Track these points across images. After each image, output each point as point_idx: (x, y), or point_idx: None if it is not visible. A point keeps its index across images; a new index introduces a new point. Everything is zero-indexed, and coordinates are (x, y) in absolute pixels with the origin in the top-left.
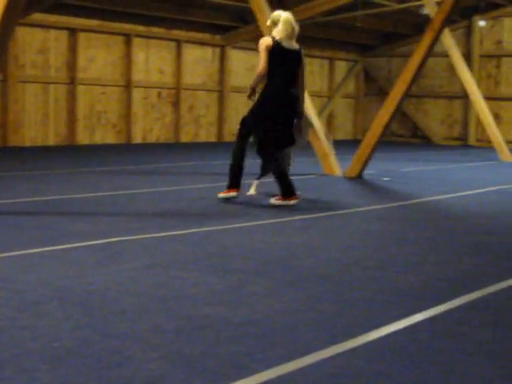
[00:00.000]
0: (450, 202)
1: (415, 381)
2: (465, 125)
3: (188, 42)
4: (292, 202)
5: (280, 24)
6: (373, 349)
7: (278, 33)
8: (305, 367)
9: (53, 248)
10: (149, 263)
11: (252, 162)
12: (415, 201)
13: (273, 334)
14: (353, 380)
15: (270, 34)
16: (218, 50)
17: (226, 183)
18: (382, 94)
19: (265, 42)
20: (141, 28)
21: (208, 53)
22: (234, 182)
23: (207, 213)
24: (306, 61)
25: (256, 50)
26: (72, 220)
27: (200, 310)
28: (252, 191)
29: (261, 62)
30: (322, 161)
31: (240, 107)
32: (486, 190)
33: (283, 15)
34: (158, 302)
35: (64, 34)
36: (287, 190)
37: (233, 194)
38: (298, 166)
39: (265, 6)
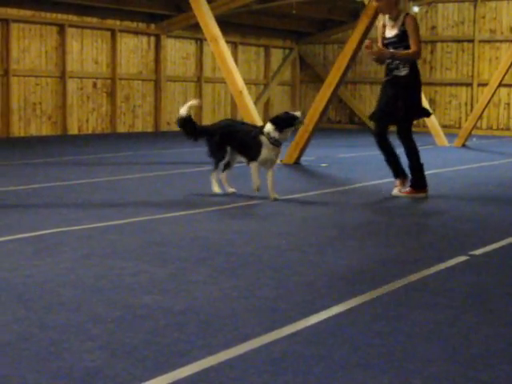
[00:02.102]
0: (387, 187)
1: (356, 364)
2: None
3: (123, 31)
4: (421, 194)
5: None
6: (313, 333)
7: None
8: (246, 353)
9: None
10: (86, 254)
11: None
12: (353, 186)
13: (213, 321)
14: (293, 364)
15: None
16: (153, 39)
17: (167, 172)
18: (318, 80)
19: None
20: (74, 18)
21: (143, 42)
22: (419, 181)
23: (145, 202)
24: (242, 49)
25: (191, 38)
26: (7, 212)
27: (139, 299)
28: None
29: (417, 40)
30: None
31: (177, 96)
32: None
33: None
34: (97, 292)
35: None
36: (419, 182)
37: (422, 194)
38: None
39: None
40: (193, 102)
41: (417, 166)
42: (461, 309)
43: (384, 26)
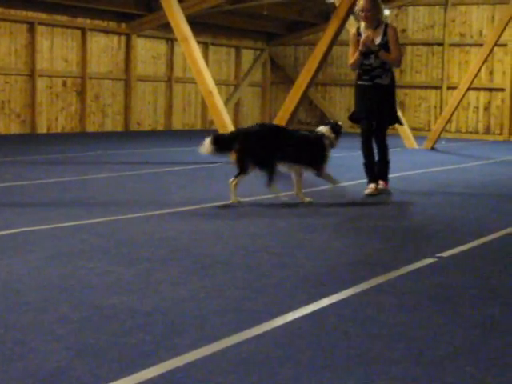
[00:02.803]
0: (356, 189)
1: (322, 365)
2: None
3: (93, 30)
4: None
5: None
6: (280, 334)
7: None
8: (212, 354)
9: None
10: (54, 253)
11: None
12: (322, 187)
13: (180, 321)
14: (260, 365)
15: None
16: (123, 38)
17: (137, 172)
18: (289, 82)
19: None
20: (44, 16)
21: (114, 41)
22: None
23: (114, 202)
24: (212, 49)
25: (162, 38)
26: None
27: (107, 299)
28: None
29: (399, 49)
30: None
31: (147, 96)
32: (390, 176)
33: None
34: (64, 292)
35: None
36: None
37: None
38: (204, 155)
39: None
40: None
41: (387, 163)
42: (428, 310)
43: (359, 34)
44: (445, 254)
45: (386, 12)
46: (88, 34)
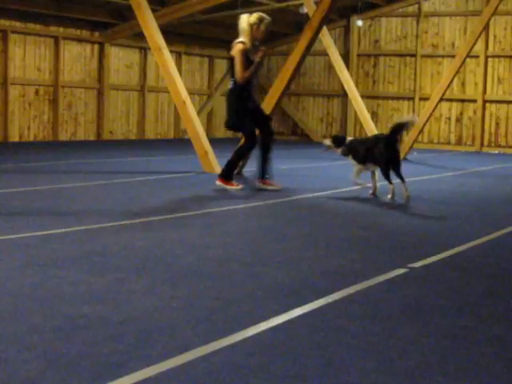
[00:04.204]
0: (329, 199)
1: (294, 374)
2: (343, 122)
3: (66, 38)
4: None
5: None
6: (252, 344)
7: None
8: (184, 364)
9: None
10: (25, 263)
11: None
12: (293, 197)
13: (152, 331)
14: (232, 375)
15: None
16: (96, 46)
17: (109, 181)
18: (262, 92)
19: None
20: (17, 24)
21: (87, 50)
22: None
23: (86, 211)
24: (186, 59)
25: (135, 47)
26: None
27: (78, 309)
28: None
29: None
30: (202, 159)
31: (120, 105)
32: (363, 187)
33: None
34: (35, 301)
35: None
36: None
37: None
38: (177, 164)
39: (144, 3)
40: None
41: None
42: (399, 321)
43: (246, 50)
44: (416, 265)
45: (359, 23)
46: (61, 42)
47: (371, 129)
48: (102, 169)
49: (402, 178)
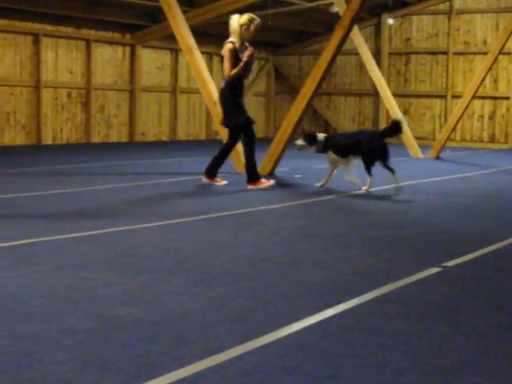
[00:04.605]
0: (361, 198)
1: (328, 374)
2: (375, 122)
3: (98, 41)
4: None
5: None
6: (286, 344)
7: None
8: (218, 365)
9: None
10: (59, 265)
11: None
12: (326, 198)
13: (186, 332)
14: (266, 376)
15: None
16: (128, 49)
17: (142, 183)
18: (293, 91)
19: None
20: (49, 27)
21: (118, 52)
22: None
23: (119, 213)
24: (217, 60)
25: (166, 48)
26: None
27: (112, 310)
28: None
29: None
30: (234, 159)
31: (151, 106)
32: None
33: None
34: (70, 303)
35: None
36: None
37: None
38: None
39: (175, 5)
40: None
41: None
42: (433, 320)
43: (236, 49)
44: (450, 264)
45: (390, 21)
46: (93, 45)
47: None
48: (134, 170)
49: (392, 170)
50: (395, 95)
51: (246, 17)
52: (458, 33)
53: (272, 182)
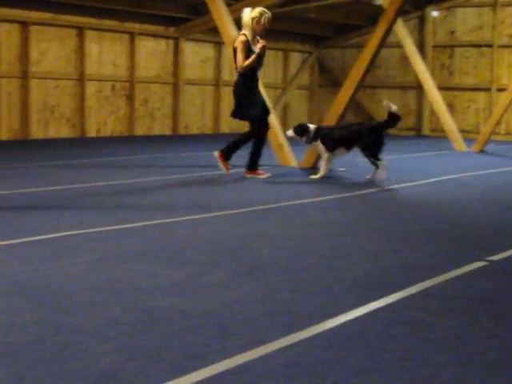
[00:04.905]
0: (405, 192)
1: (372, 368)
2: (419, 115)
3: (141, 34)
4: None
5: None
6: (329, 337)
7: None
8: (262, 357)
9: (5, 243)
10: (104, 256)
11: None
12: (370, 190)
13: (229, 324)
14: (310, 369)
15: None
16: (171, 42)
17: (185, 175)
18: (337, 84)
19: None
20: (93, 21)
21: (162, 45)
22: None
23: (162, 205)
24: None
25: (210, 41)
26: (24, 215)
27: (156, 301)
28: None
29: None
30: (278, 152)
31: (195, 99)
32: (440, 179)
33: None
34: (113, 294)
35: (16, 28)
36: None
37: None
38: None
39: None
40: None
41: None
42: (477, 315)
43: (248, 41)
44: (495, 258)
45: (434, 14)
46: (136, 38)
47: (448, 121)
48: (177, 163)
49: (379, 160)
50: (439, 88)
51: (257, 10)
52: (503, 25)
53: (267, 174)
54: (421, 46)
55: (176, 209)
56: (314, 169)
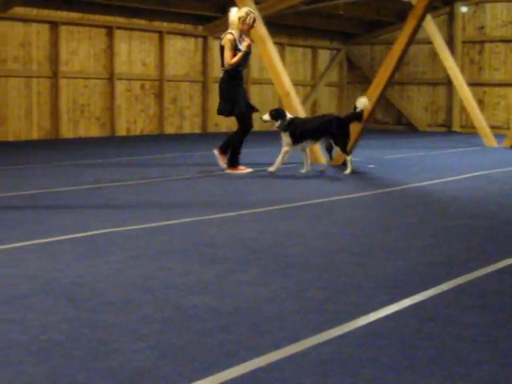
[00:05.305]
0: (435, 188)
1: (404, 365)
2: (449, 111)
3: (170, 33)
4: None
5: None
6: (361, 335)
7: None
8: (294, 354)
9: (38, 242)
10: (135, 254)
11: None
12: (400, 187)
13: (261, 322)
14: (341, 366)
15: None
16: (200, 40)
17: (215, 173)
18: (366, 81)
19: None
20: (122, 20)
21: (191, 44)
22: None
23: (193, 203)
24: (289, 50)
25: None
26: (56, 213)
27: (188, 299)
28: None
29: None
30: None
31: None
32: (470, 175)
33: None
34: (146, 292)
35: (46, 28)
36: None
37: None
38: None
39: None
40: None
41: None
42: (510, 311)
43: (235, 40)
44: None
45: (463, 9)
46: (165, 37)
47: (478, 117)
48: (207, 161)
49: (331, 156)
50: (469, 84)
51: (243, 10)
52: None
53: (250, 170)
54: (450, 42)
55: (207, 207)
56: (343, 165)
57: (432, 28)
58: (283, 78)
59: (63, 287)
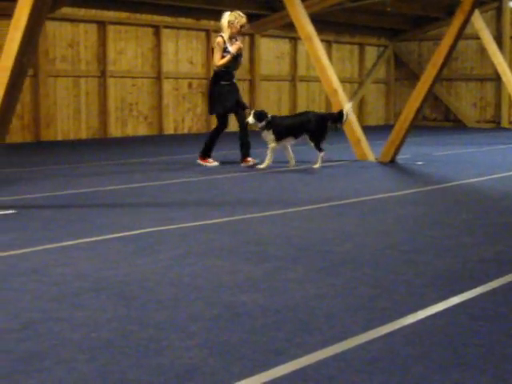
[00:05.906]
0: (485, 185)
1: (454, 363)
2: (497, 107)
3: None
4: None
5: None
6: (410, 332)
7: None
8: (342, 352)
9: (88, 240)
10: (184, 252)
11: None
12: (449, 184)
13: (310, 319)
14: (391, 364)
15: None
16: (247, 38)
17: (267, 171)
18: (413, 78)
19: None
20: (169, 19)
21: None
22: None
23: (240, 201)
24: (336, 47)
25: (285, 37)
26: (105, 212)
27: (237, 297)
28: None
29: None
30: (355, 147)
31: (271, 95)
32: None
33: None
34: (195, 290)
35: (93, 28)
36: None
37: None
38: (330, 152)
39: None
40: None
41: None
42: None
43: (225, 42)
44: None
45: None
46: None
47: None
48: (254, 158)
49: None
50: None
51: (233, 14)
52: None
53: (216, 163)
54: (498, 37)
55: (255, 204)
56: (392, 163)
57: (480, 23)
58: (330, 76)
59: (113, 285)
